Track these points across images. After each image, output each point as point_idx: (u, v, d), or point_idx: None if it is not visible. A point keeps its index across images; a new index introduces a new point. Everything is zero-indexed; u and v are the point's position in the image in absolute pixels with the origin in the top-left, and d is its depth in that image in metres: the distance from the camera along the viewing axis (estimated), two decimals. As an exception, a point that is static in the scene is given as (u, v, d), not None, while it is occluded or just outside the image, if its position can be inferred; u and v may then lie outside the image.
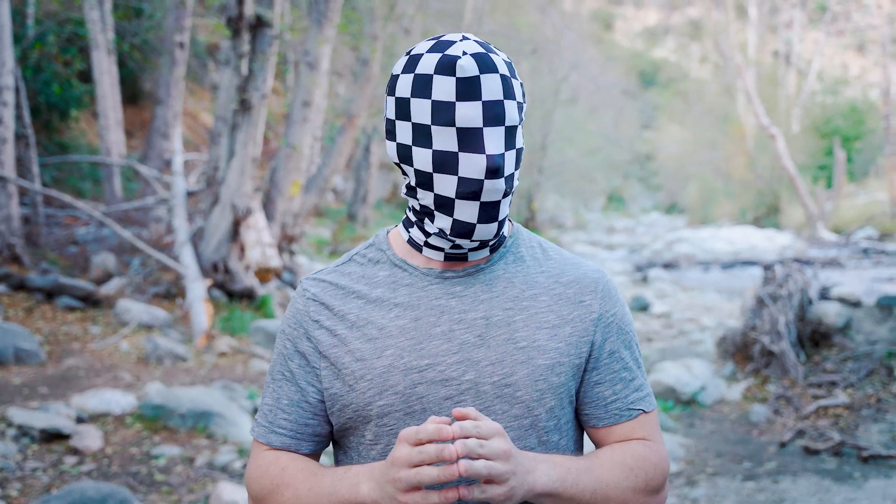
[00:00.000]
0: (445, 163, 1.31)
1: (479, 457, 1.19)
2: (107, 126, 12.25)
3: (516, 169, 1.36)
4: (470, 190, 1.30)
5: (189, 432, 5.65)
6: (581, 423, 1.49)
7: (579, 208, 36.78)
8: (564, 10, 32.64)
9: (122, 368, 7.09)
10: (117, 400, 5.98)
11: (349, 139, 12.68)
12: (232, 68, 9.49)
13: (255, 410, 6.30)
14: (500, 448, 1.20)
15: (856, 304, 8.25)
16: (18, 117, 10.32)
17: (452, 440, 1.20)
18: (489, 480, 1.20)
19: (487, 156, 1.29)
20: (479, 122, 1.29)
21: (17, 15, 12.38)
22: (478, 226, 1.34)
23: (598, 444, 1.47)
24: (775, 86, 33.28)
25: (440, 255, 1.42)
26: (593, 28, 47.22)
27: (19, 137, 10.33)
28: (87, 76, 13.81)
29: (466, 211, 1.32)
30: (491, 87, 1.29)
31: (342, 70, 20.69)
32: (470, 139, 1.29)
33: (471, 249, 1.40)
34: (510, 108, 1.31)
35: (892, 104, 25.40)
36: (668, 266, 17.51)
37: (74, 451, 5.19)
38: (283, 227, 10.84)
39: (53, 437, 5.30)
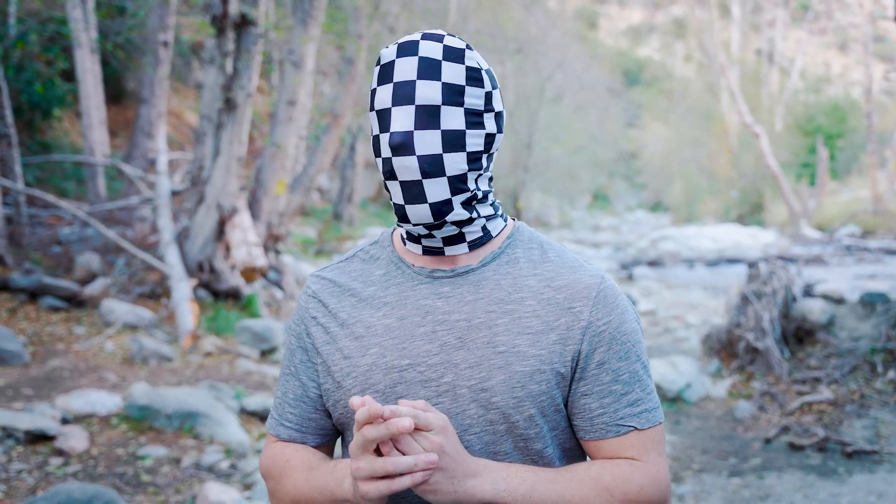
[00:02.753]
0: (375, 146, 1.38)
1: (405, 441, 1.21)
2: (90, 125, 12.18)
3: (450, 152, 1.33)
4: (386, 168, 1.35)
5: (175, 433, 5.63)
6: (575, 436, 1.44)
7: (564, 207, 36.88)
8: (549, 9, 32.67)
9: (107, 369, 7.05)
10: (103, 401, 5.95)
11: (334, 138, 12.66)
12: (217, 67, 9.45)
13: (241, 410, 6.30)
14: (433, 442, 1.21)
15: (839, 301, 8.32)
16: (1, 117, 10.24)
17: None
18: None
19: (391, 133, 1.32)
20: (388, 103, 1.34)
21: (-1, 13, 12.29)
22: (406, 206, 1.35)
23: (590, 458, 1.43)
24: (758, 84, 33.46)
25: (419, 249, 1.43)
26: (578, 27, 47.32)
27: (1, 137, 10.25)
28: (69, 75, 13.72)
29: (394, 191, 1.36)
30: (404, 69, 1.33)
31: (327, 69, 20.65)
32: (383, 120, 1.35)
33: (445, 243, 1.40)
34: (426, 87, 1.32)
35: (874, 102, 25.60)
36: (653, 264, 17.57)
37: (60, 453, 5.16)
38: (268, 227, 10.81)
39: (38, 438, 5.26)
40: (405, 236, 1.45)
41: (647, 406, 1.39)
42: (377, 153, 1.37)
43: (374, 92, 1.37)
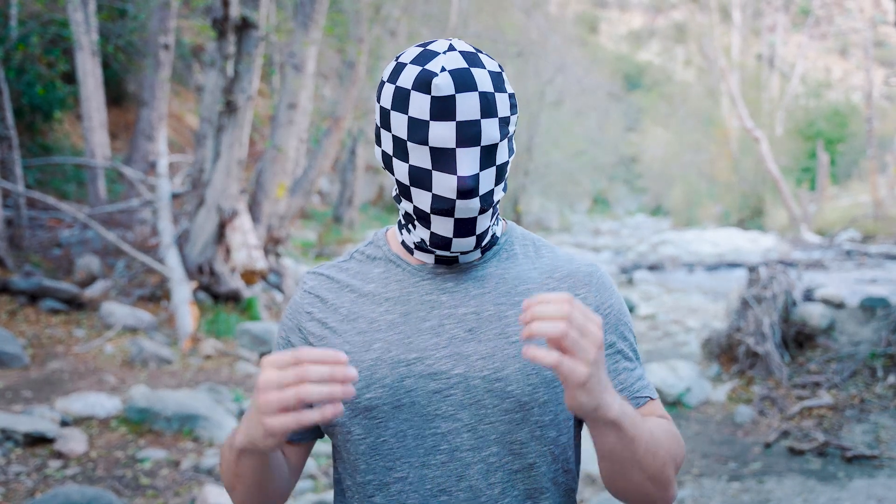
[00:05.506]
0: (420, 178, 1.32)
1: (583, 329, 1.14)
2: (91, 128, 12.18)
3: (498, 184, 1.35)
4: (443, 207, 1.31)
5: (174, 435, 5.62)
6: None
7: (565, 210, 36.89)
8: (549, 13, 32.68)
9: (106, 371, 7.05)
10: (102, 403, 5.94)
11: (335, 141, 12.66)
12: (217, 70, 9.46)
13: (241, 413, 6.29)
14: (600, 337, 1.16)
15: (839, 306, 8.31)
16: (1, 119, 10.24)
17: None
18: (571, 351, 1.14)
19: (459, 177, 1.29)
20: (452, 143, 1.28)
21: (0, 16, 12.29)
22: (454, 239, 1.35)
23: None
24: (759, 89, 33.47)
25: (431, 258, 1.43)
26: (578, 31, 47.36)
27: (2, 139, 10.25)
28: (70, 77, 13.73)
29: (442, 225, 1.34)
30: (467, 107, 1.27)
31: (328, 72, 20.67)
32: (443, 159, 1.29)
33: (461, 253, 1.41)
34: (488, 127, 1.29)
35: (874, 107, 25.62)
36: (653, 268, 17.56)
37: (59, 455, 5.15)
38: (268, 229, 10.81)
39: (37, 440, 5.26)
40: (412, 245, 1.44)
41: (649, 380, 1.48)
42: (422, 186, 1.32)
43: (422, 124, 1.28)
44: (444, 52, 1.30)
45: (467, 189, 1.29)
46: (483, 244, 1.40)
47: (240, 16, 9.33)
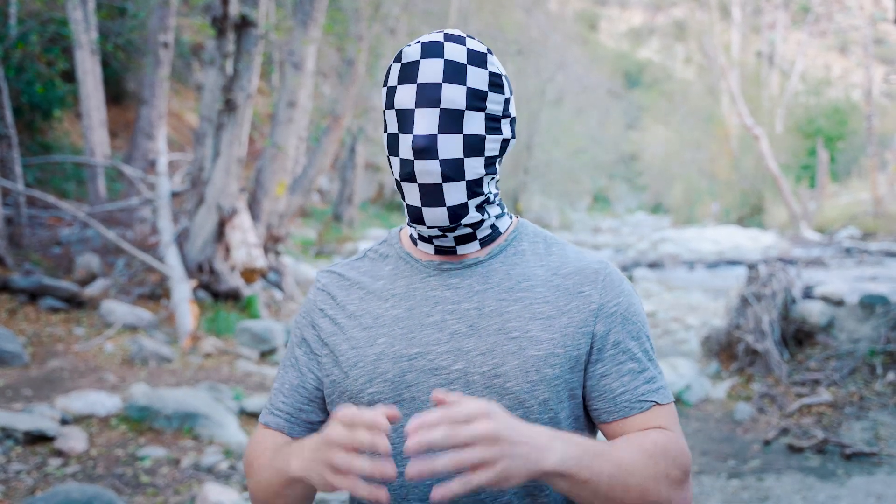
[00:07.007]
0: (392, 145, 1.37)
1: (452, 445, 1.12)
2: (90, 126, 12.18)
3: (471, 157, 1.35)
4: (406, 171, 1.35)
5: (175, 433, 5.63)
6: (594, 421, 1.45)
7: (565, 208, 36.88)
8: (550, 11, 32.69)
9: (106, 370, 7.05)
10: (102, 401, 5.95)
11: (334, 140, 12.66)
12: (217, 68, 9.46)
13: (241, 411, 6.30)
14: (483, 432, 1.12)
15: (839, 303, 8.31)
16: (1, 118, 10.24)
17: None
18: (476, 466, 1.13)
19: (414, 135, 1.32)
20: (411, 104, 1.33)
21: (0, 14, 12.29)
22: (423, 210, 1.36)
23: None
24: (759, 86, 33.47)
25: (431, 249, 1.45)
26: (578, 29, 47.31)
27: (2, 138, 10.25)
28: (70, 76, 13.72)
29: (411, 193, 1.36)
30: (429, 71, 1.32)
31: (327, 70, 20.66)
32: (404, 120, 1.34)
33: (457, 242, 1.42)
34: (451, 91, 1.32)
35: (874, 105, 25.61)
36: (653, 266, 17.56)
37: (59, 453, 5.16)
38: (268, 228, 10.82)
39: (37, 439, 5.26)
40: (416, 237, 1.47)
41: (662, 383, 1.42)
42: (393, 152, 1.37)
43: (392, 90, 1.36)
44: (432, 34, 1.37)
45: (420, 147, 1.32)
46: (464, 222, 1.38)
47: (239, 14, 9.33)
